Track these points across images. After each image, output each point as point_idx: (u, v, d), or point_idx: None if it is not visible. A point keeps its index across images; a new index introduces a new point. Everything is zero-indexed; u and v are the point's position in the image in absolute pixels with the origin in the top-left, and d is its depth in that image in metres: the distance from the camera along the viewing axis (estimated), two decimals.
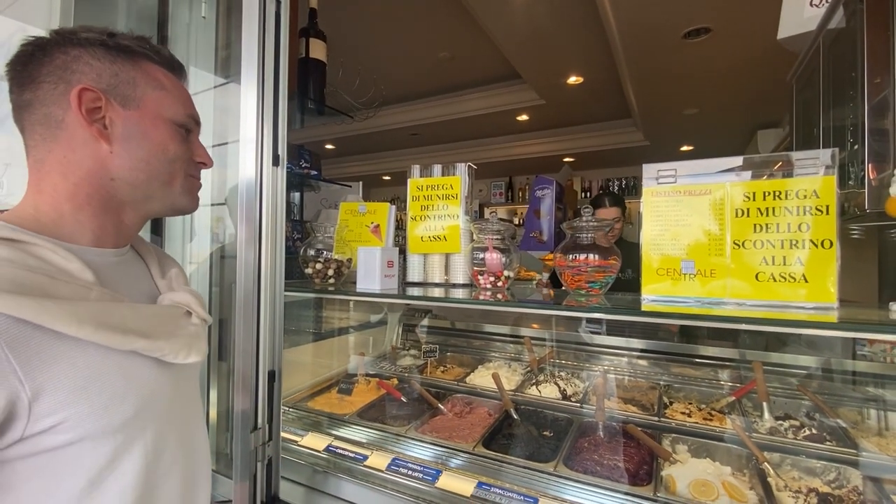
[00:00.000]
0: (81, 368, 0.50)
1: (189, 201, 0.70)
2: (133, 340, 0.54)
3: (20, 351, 0.46)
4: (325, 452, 1.25)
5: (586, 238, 1.13)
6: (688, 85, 3.73)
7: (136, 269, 0.71)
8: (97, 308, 0.52)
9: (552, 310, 1.05)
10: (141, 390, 0.57)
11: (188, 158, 0.68)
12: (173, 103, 0.65)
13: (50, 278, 0.51)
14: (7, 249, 0.50)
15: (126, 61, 0.62)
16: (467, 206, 1.45)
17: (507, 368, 1.79)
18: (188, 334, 0.63)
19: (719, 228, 0.99)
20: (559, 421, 1.41)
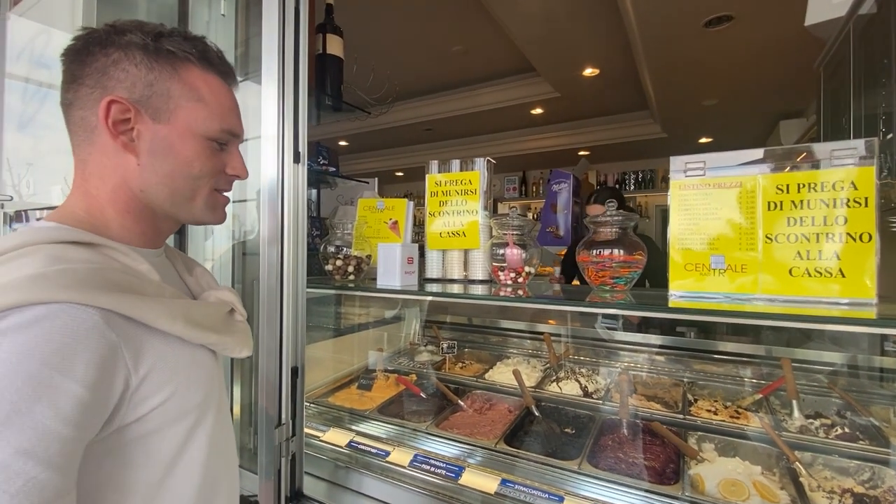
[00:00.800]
0: (169, 360, 0.55)
1: (212, 217, 0.67)
2: (208, 335, 0.59)
3: (130, 346, 0.50)
4: (347, 448, 1.26)
5: (610, 232, 1.11)
6: (707, 75, 3.64)
7: (170, 267, 0.72)
8: (180, 305, 0.56)
9: (577, 306, 1.03)
10: (206, 379, 0.61)
11: (218, 172, 0.65)
12: (208, 117, 0.62)
13: (136, 279, 0.55)
14: (91, 253, 0.54)
15: (165, 69, 0.59)
16: (486, 201, 1.44)
17: (527, 365, 1.78)
18: (241, 331, 0.68)
19: (750, 222, 0.96)
20: (581, 418, 1.39)
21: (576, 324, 1.90)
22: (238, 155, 0.68)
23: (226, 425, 0.70)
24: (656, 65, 3.45)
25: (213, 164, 0.64)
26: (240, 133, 0.67)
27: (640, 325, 1.94)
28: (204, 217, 0.66)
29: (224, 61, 0.66)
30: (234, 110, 0.66)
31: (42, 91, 1.20)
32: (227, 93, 0.65)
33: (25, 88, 1.24)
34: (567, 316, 1.95)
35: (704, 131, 5.24)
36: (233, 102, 0.66)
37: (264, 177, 1.11)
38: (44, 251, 0.50)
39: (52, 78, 1.21)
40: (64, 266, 0.48)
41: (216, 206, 0.67)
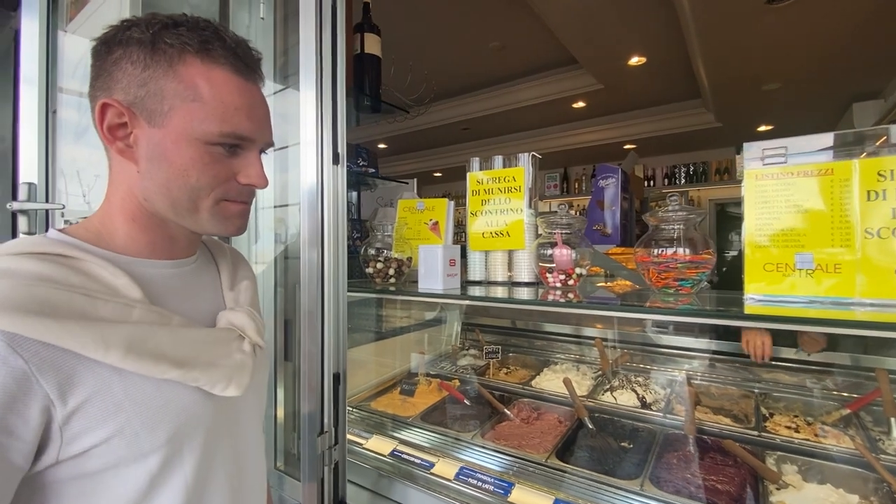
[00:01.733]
0: (116, 392, 0.48)
1: (221, 228, 0.59)
2: (165, 369, 0.50)
3: (51, 374, 0.44)
4: (389, 457, 1.22)
5: (674, 229, 1.00)
6: (769, 56, 3.35)
7: (203, 279, 0.66)
8: (131, 331, 0.48)
9: (639, 313, 0.94)
10: (177, 418, 0.52)
11: (223, 182, 0.57)
12: (206, 118, 0.53)
13: (89, 297, 0.48)
14: (52, 266, 0.48)
15: (160, 65, 0.52)
16: (531, 198, 1.36)
17: (576, 372, 1.68)
18: (231, 364, 0.57)
19: (844, 214, 0.83)
20: (640, 432, 1.28)
21: (629, 327, 1.78)
22: (255, 161, 0.59)
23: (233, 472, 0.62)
24: (711, 49, 3.22)
25: (214, 174, 0.55)
26: (251, 136, 0.57)
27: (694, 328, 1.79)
28: (212, 229, 0.59)
29: (240, 52, 0.56)
30: (245, 110, 0.56)
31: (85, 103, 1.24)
32: (237, 89, 0.55)
33: (80, 102, 1.29)
34: (613, 319, 1.83)
35: (764, 118, 4.87)
36: (244, 100, 0.56)
37: (304, 179, 1.09)
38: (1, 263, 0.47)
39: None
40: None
41: (227, 216, 0.59)
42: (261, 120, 0.59)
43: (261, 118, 0.59)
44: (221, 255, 0.73)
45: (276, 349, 1.36)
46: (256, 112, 0.58)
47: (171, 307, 0.57)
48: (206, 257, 0.71)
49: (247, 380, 0.58)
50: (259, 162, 0.59)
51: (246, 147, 0.58)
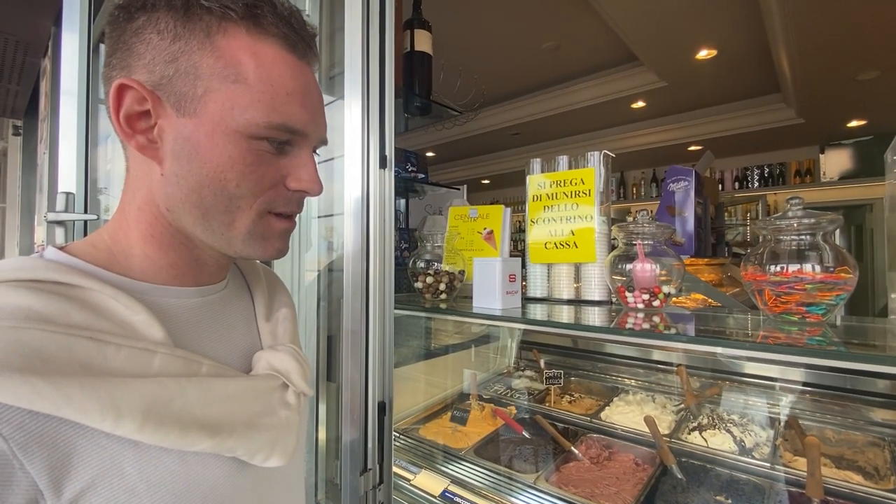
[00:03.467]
0: (129, 473, 0.36)
1: (259, 251, 0.47)
2: (195, 440, 0.38)
3: (40, 455, 0.32)
4: (440, 499, 1.08)
5: (800, 241, 0.80)
6: (867, 42, 2.93)
7: (235, 309, 0.53)
8: (151, 390, 0.36)
9: (754, 350, 0.74)
10: (205, 497, 0.40)
11: (270, 188, 0.45)
12: (250, 105, 0.41)
13: (96, 342, 0.36)
14: (47, 299, 0.36)
15: (195, 36, 0.40)
16: (603, 204, 1.18)
17: (653, 404, 1.46)
18: (275, 425, 0.44)
19: None
20: (740, 485, 1.06)
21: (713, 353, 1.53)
22: (308, 161, 0.47)
23: None
24: (798, 35, 2.86)
25: (258, 177, 0.43)
26: (305, 129, 0.45)
27: None
28: (246, 251, 0.46)
29: (295, 22, 0.44)
30: (299, 96, 0.44)
31: None
32: (291, 70, 0.43)
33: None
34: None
35: (855, 113, 4.31)
36: (298, 84, 0.44)
37: (348, 184, 0.99)
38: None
39: None
40: None
41: (268, 236, 0.46)
42: (316, 110, 0.47)
43: (316, 107, 0.47)
44: (255, 278, 0.60)
45: (317, 368, 1.27)
46: (312, 100, 0.46)
47: (200, 349, 0.45)
48: (238, 281, 0.58)
49: (293, 442, 0.46)
50: (313, 162, 0.48)
51: (297, 144, 0.46)
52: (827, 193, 5.01)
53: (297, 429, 0.47)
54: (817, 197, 5.07)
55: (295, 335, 0.56)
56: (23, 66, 2.44)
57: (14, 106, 2.79)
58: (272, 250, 0.48)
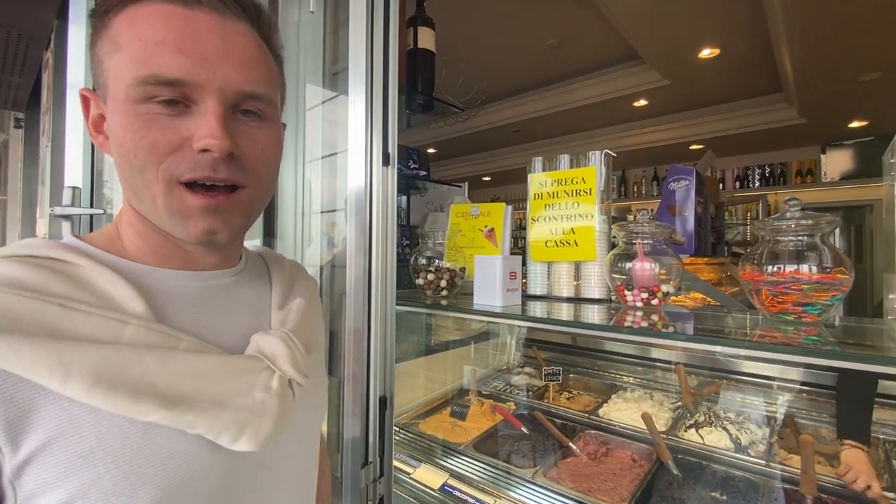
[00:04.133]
0: (85, 437, 0.36)
1: (181, 230, 0.43)
2: (148, 409, 0.36)
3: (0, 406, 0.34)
4: (439, 492, 1.09)
5: (797, 242, 0.81)
6: (870, 42, 2.93)
7: (246, 295, 0.53)
8: (107, 355, 0.36)
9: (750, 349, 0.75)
10: (166, 478, 0.39)
11: (171, 152, 0.41)
12: (124, 69, 0.39)
13: (64, 309, 0.37)
14: (33, 271, 0.38)
15: (99, 31, 0.42)
16: (604, 203, 1.19)
17: (650, 401, 1.47)
18: (245, 406, 0.42)
19: None
20: (735, 482, 1.07)
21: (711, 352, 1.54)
22: (207, 113, 0.41)
23: None
24: (801, 35, 2.85)
25: (151, 141, 0.40)
26: (185, 76, 0.40)
27: None
28: (174, 231, 0.44)
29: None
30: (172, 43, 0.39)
31: None
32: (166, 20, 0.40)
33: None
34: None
35: (857, 113, 4.31)
36: (173, 32, 0.40)
37: (351, 181, 0.99)
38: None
39: None
40: None
41: (185, 213, 0.42)
42: (206, 54, 0.40)
43: (206, 53, 0.41)
44: (278, 268, 0.59)
45: None
46: (197, 44, 0.40)
47: (189, 328, 0.44)
48: (258, 270, 0.58)
49: (267, 428, 0.43)
50: (215, 115, 0.41)
51: (196, 98, 0.41)
52: (827, 194, 5.01)
53: (277, 415, 0.44)
54: (818, 197, 5.07)
55: (303, 324, 0.54)
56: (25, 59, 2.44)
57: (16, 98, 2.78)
58: (196, 231, 0.43)
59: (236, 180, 0.44)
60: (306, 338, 0.52)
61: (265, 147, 0.46)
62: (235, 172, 0.43)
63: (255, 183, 0.46)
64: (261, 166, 0.46)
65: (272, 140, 0.47)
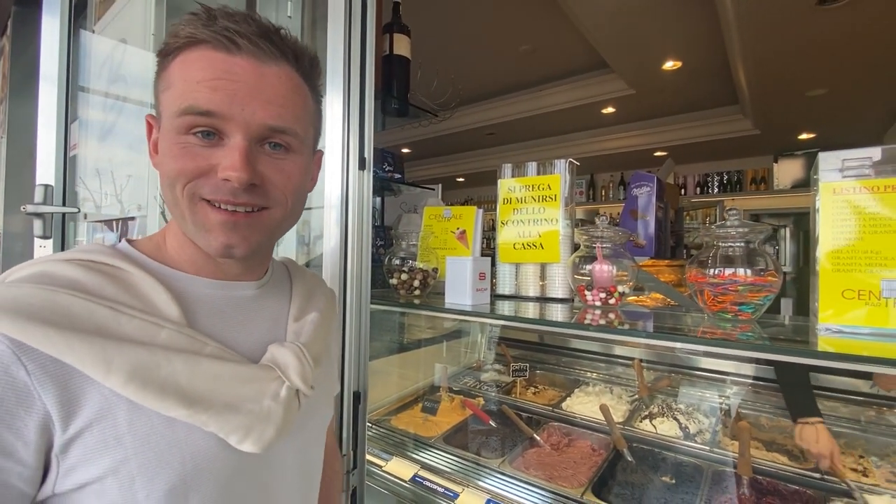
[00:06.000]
0: (119, 422, 0.42)
1: (204, 240, 0.49)
2: (170, 406, 0.42)
3: (54, 391, 0.39)
4: (410, 483, 1.14)
5: (734, 247, 0.90)
6: (816, 61, 3.16)
7: (267, 307, 0.58)
8: (142, 355, 0.42)
9: (693, 343, 0.84)
10: (183, 465, 0.44)
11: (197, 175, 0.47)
12: (171, 104, 0.47)
13: (114, 311, 0.43)
14: (90, 275, 0.45)
15: (161, 67, 0.49)
16: (568, 208, 1.27)
17: (610, 395, 1.57)
18: (254, 412, 0.47)
19: None
20: (684, 467, 1.17)
21: (670, 349, 1.65)
22: (235, 148, 0.46)
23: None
24: (754, 52, 3.05)
25: (183, 164, 0.46)
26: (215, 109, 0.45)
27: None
28: (198, 240, 0.50)
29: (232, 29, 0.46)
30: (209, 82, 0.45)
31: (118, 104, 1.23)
32: (209, 63, 0.46)
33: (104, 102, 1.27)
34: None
35: (806, 126, 4.62)
36: (211, 73, 0.46)
37: (328, 185, 1.03)
38: (44, 266, 0.45)
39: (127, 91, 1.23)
40: (17, 286, 0.42)
41: (208, 227, 0.48)
42: (236, 93, 0.46)
43: (237, 91, 0.46)
44: (300, 282, 0.64)
45: None
46: (230, 84, 0.46)
47: (213, 333, 0.50)
48: (281, 282, 0.63)
49: (271, 434, 0.47)
50: (239, 149, 0.47)
51: (226, 132, 0.47)
52: (780, 201, 5.33)
53: (281, 423, 0.49)
54: (771, 204, 5.39)
55: (315, 338, 0.58)
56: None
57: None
58: (217, 244, 0.48)
59: (258, 203, 0.50)
60: (317, 351, 0.57)
61: (290, 175, 0.52)
62: (258, 198, 0.49)
63: (279, 206, 0.52)
64: (287, 192, 0.52)
65: (297, 170, 0.52)
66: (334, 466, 0.78)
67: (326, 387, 0.65)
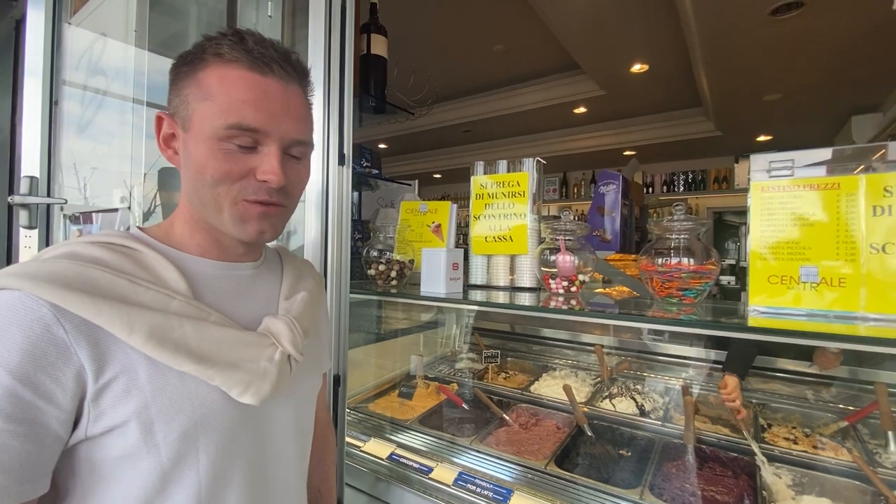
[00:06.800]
0: (140, 375, 0.49)
1: (241, 231, 0.58)
2: (182, 361, 0.50)
3: (87, 347, 0.47)
4: (387, 461, 1.21)
5: (679, 239, 1.01)
6: (771, 68, 3.37)
7: (262, 285, 0.66)
8: (158, 319, 0.50)
9: (641, 322, 0.94)
10: (193, 413, 0.52)
11: (240, 178, 0.55)
12: (213, 115, 0.54)
13: (132, 283, 0.51)
14: (111, 254, 0.53)
15: (188, 75, 0.56)
16: (535, 204, 1.36)
17: (575, 378, 1.68)
18: (252, 371, 0.55)
19: (851, 229, 0.84)
20: (638, 440, 1.28)
21: (628, 335, 1.78)
22: (272, 156, 0.56)
23: (258, 483, 0.60)
24: (714, 58, 3.23)
25: (227, 169, 0.55)
26: (260, 127, 0.54)
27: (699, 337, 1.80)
28: (233, 231, 0.58)
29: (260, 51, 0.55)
30: (253, 102, 0.54)
31: (98, 98, 1.24)
32: (248, 83, 0.54)
33: (84, 95, 1.28)
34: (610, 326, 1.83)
35: (764, 129, 4.90)
36: (253, 93, 0.54)
37: (309, 180, 1.08)
38: (73, 247, 0.53)
39: (108, 85, 1.25)
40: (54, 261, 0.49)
41: (245, 218, 0.57)
42: (275, 113, 0.56)
43: (275, 111, 0.56)
44: (290, 265, 0.73)
45: None
46: (269, 105, 0.55)
47: (216, 305, 0.57)
48: (275, 265, 0.72)
49: (266, 389, 0.55)
50: (276, 157, 0.56)
51: (263, 143, 0.56)
52: (741, 199, 5.62)
53: (275, 380, 0.56)
54: (732, 202, 5.68)
55: (305, 313, 0.66)
56: None
57: None
58: (252, 231, 0.58)
59: (281, 202, 0.59)
60: (306, 324, 0.65)
61: (302, 178, 0.63)
62: (283, 198, 0.59)
63: (292, 202, 0.62)
64: (297, 191, 0.62)
65: (307, 172, 0.64)
66: (328, 438, 0.86)
67: (315, 358, 0.73)
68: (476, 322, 2.11)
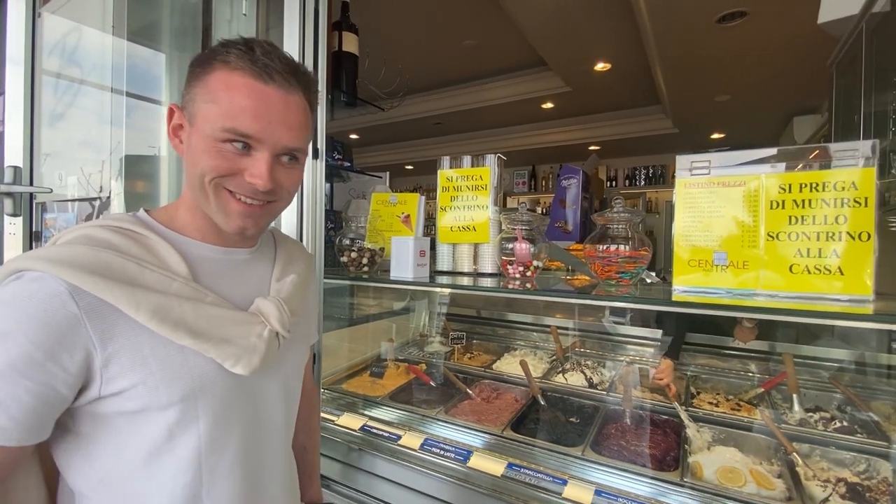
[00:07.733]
0: (144, 348, 0.57)
1: (224, 222, 0.64)
2: (182, 336, 0.57)
3: (97, 323, 0.54)
4: (360, 432, 1.32)
5: (618, 229, 1.15)
6: (720, 71, 3.61)
7: (256, 269, 0.73)
8: (161, 299, 0.57)
9: (581, 299, 1.08)
10: (192, 380, 0.59)
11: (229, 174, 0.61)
12: (214, 117, 0.59)
13: (139, 266, 0.58)
14: (121, 238, 0.59)
15: (198, 76, 0.62)
16: (496, 196, 1.48)
17: (533, 356, 1.83)
18: (245, 345, 0.62)
19: (753, 220, 0.99)
20: (586, 408, 1.44)
21: (582, 317, 1.94)
22: (262, 161, 0.61)
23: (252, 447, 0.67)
24: (669, 60, 3.44)
25: (217, 164, 0.60)
26: (255, 134, 0.60)
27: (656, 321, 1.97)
28: (218, 220, 0.65)
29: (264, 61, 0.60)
30: (252, 111, 0.59)
31: (74, 87, 1.26)
32: (250, 92, 0.59)
33: (57, 83, 1.30)
34: (574, 309, 1.99)
35: (717, 127, 5.21)
36: (253, 102, 0.59)
37: None
38: (88, 230, 0.59)
39: (83, 74, 1.27)
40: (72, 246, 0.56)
41: (228, 212, 0.63)
42: (271, 121, 0.60)
43: (272, 119, 0.61)
44: (283, 249, 0.79)
45: None
46: (268, 112, 0.60)
47: (212, 287, 0.64)
48: (269, 250, 0.78)
49: (256, 362, 0.62)
50: (265, 163, 0.61)
51: (256, 147, 0.61)
52: None
53: (263, 354, 0.63)
54: None
55: (294, 295, 0.73)
56: None
57: None
58: (234, 225, 0.64)
59: (270, 199, 0.65)
60: (294, 305, 0.72)
61: (296, 179, 0.68)
62: (270, 196, 0.65)
63: (284, 198, 0.68)
64: (291, 190, 0.68)
65: (300, 173, 0.70)
66: (312, 400, 0.97)
67: (303, 332, 0.81)
68: (445, 309, 2.23)
